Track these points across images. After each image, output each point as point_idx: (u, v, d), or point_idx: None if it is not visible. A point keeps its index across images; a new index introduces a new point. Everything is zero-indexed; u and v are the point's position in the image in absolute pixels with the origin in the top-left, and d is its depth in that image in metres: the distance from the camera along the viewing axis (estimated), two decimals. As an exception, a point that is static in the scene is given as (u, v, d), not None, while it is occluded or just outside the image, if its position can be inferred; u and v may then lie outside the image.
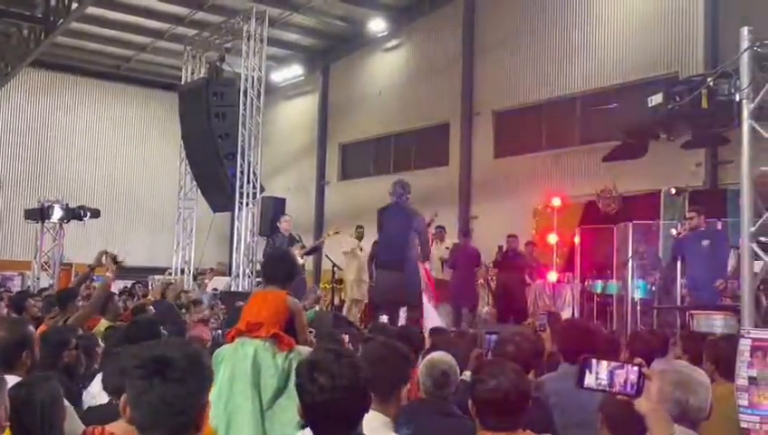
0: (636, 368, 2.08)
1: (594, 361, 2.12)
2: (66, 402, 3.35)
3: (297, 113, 24.41)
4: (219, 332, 7.15)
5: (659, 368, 2.19)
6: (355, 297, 12.03)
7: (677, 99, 5.46)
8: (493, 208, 16.92)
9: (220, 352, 4.51)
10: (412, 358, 2.91)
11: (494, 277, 13.00)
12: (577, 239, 12.65)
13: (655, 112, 5.74)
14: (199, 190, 16.57)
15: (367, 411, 2.30)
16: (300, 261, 11.84)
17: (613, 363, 2.11)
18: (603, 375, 2.09)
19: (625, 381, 2.07)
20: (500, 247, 12.59)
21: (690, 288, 9.09)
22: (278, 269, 4.76)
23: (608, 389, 2.09)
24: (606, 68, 15.65)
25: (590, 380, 2.10)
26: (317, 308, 8.95)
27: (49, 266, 16.67)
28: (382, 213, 8.84)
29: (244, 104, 15.21)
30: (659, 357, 4.74)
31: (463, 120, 18.70)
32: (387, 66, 21.34)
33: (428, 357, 3.73)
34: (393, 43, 21.01)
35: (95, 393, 4.03)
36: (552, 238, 13.25)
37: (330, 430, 2.21)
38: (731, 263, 8.15)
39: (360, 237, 12.50)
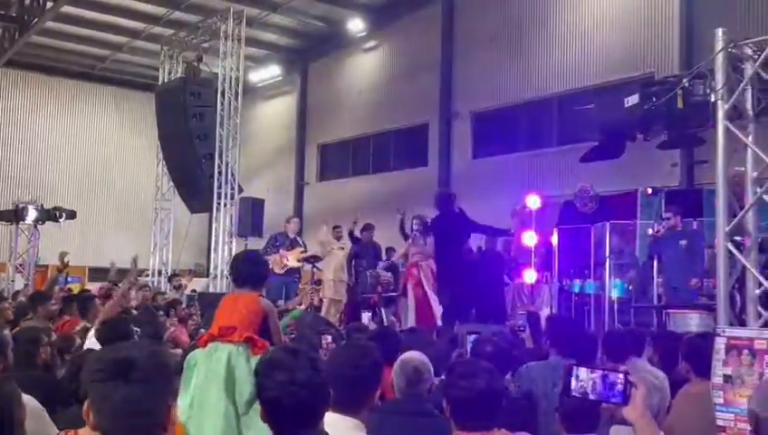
0: (621, 375, 2.07)
1: (579, 368, 2.11)
2: (36, 404, 3.28)
3: (275, 114, 24.32)
4: (202, 330, 7.10)
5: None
6: (333, 297, 12.00)
7: (654, 99, 5.49)
8: (472, 209, 16.92)
9: (193, 356, 4.45)
10: (381, 360, 2.86)
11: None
12: (555, 239, 12.69)
13: (631, 113, 5.76)
14: (176, 191, 16.44)
15: (327, 409, 2.30)
16: (296, 264, 11.81)
17: (598, 371, 2.09)
18: (589, 383, 2.08)
19: (611, 389, 2.06)
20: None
21: (666, 287, 9.15)
22: (248, 271, 4.69)
23: (594, 397, 2.08)
24: (584, 69, 15.75)
25: (575, 387, 2.09)
26: (302, 308, 8.94)
27: (24, 269, 16.47)
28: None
29: (222, 105, 15.12)
30: (634, 356, 4.76)
31: (442, 120, 18.73)
32: (366, 66, 21.32)
33: (400, 357, 3.71)
34: (372, 43, 21.00)
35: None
36: (531, 238, 13.27)
37: (290, 427, 2.20)
38: (706, 261, 8.22)
39: (337, 238, 12.47)
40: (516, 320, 6.70)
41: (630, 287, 11.04)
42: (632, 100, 5.67)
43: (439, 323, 9.45)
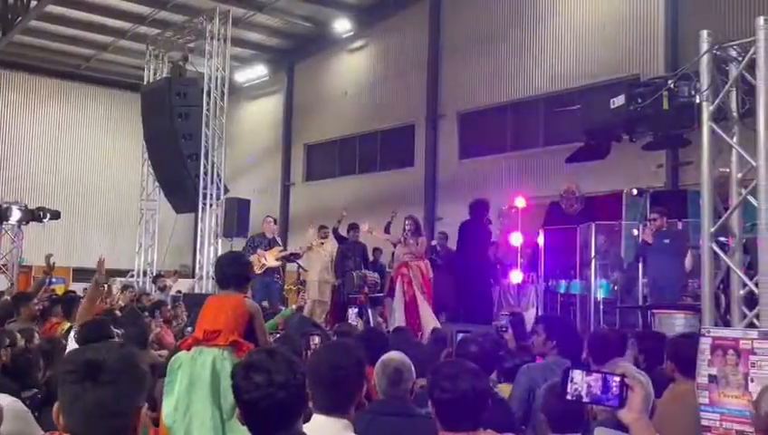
0: (617, 378, 2.06)
1: (574, 371, 2.10)
2: (19, 406, 3.24)
3: (261, 114, 24.26)
4: (189, 329, 7.06)
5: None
6: (318, 298, 11.97)
7: (639, 100, 5.51)
8: (458, 210, 16.94)
9: (177, 358, 4.41)
10: (366, 360, 2.84)
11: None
12: (541, 240, 12.73)
13: (617, 114, 5.78)
14: (162, 191, 16.36)
15: (305, 408, 2.29)
16: (275, 263, 11.76)
17: (594, 374, 2.08)
18: (583, 386, 2.07)
19: (606, 392, 2.05)
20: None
21: (652, 288, 9.20)
22: (232, 272, 4.65)
23: (588, 400, 2.07)
24: (570, 70, 15.80)
25: (572, 391, 2.08)
26: (294, 307, 8.95)
27: (7, 269, 16.33)
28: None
29: (208, 104, 15.06)
30: (617, 356, 4.77)
31: (428, 121, 18.75)
32: (352, 67, 21.30)
33: (382, 358, 3.69)
34: (358, 43, 20.99)
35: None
36: (517, 239, 13.31)
37: (268, 428, 2.19)
38: (688, 262, 8.26)
39: (324, 238, 12.46)
40: (499, 320, 6.70)
41: (616, 288, 11.10)
42: (618, 101, 5.69)
43: (430, 324, 9.45)
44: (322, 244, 12.10)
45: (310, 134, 22.53)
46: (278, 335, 6.42)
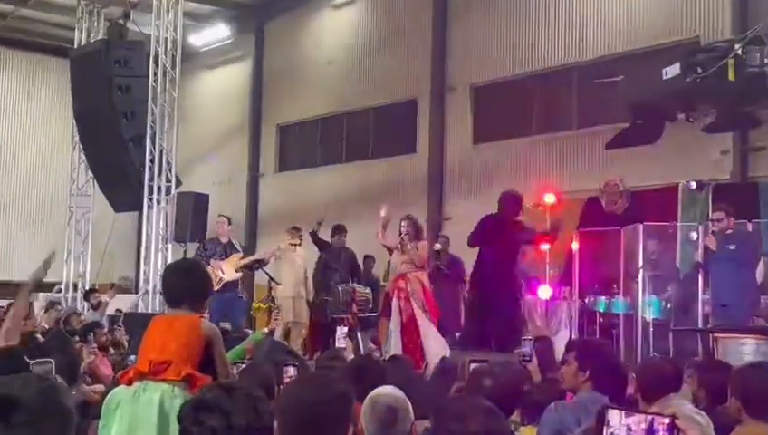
0: (666, 420, 2.05)
1: (612, 411, 2.09)
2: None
3: (223, 86, 24.23)
4: (132, 358, 7.05)
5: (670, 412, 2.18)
6: (293, 319, 11.97)
7: (699, 70, 5.54)
8: (470, 208, 16.94)
9: (115, 395, 4.39)
10: (354, 395, 2.82)
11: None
12: (575, 245, 12.72)
13: (671, 87, 5.80)
14: (97, 184, 16.32)
15: None
16: (235, 275, 11.75)
17: (637, 415, 2.08)
18: (624, 431, 2.06)
19: None
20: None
21: (715, 306, 9.21)
22: (185, 286, 4.61)
23: None
24: (610, 32, 15.81)
25: None
26: (265, 330, 8.94)
27: None
28: None
29: (155, 74, 15.04)
30: (672, 392, 4.79)
31: (433, 96, 18.74)
32: (338, 28, 21.29)
33: (370, 394, 3.68)
34: (346, -2, 21.04)
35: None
36: (545, 244, 13.31)
37: None
38: (760, 273, 8.29)
39: (295, 242, 12.49)
40: (522, 347, 6.70)
41: (669, 306, 11.11)
42: (672, 71, 5.71)
43: (435, 351, 9.46)
44: (295, 249, 12.07)
45: (284, 112, 22.50)
46: (243, 366, 6.42)
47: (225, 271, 11.64)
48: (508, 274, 10.34)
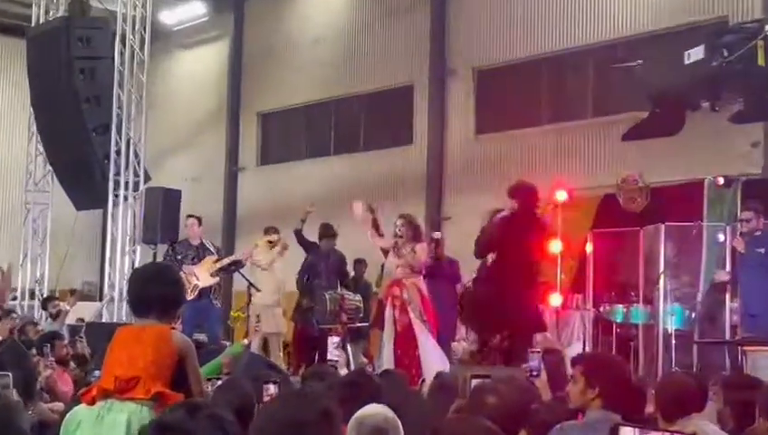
0: None
1: (625, 430, 2.11)
2: None
3: (198, 69, 24.20)
4: (97, 372, 7.04)
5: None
6: (271, 330, 11.99)
7: (725, 53, 5.55)
8: (473, 206, 16.97)
9: (75, 415, 4.38)
10: (339, 414, 2.83)
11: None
12: (589, 248, 12.75)
13: (694, 72, 5.81)
14: (56, 178, 16.28)
15: None
16: (210, 281, 11.74)
17: (652, 433, 2.09)
18: None
19: None
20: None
21: (744, 315, 9.24)
22: (154, 294, 4.60)
23: None
24: (629, 11, 15.84)
25: None
26: (245, 342, 8.96)
27: None
28: None
29: (122, 55, 15.00)
30: (695, 411, 4.81)
31: (432, 81, 18.76)
32: (326, 4, 21.29)
33: (356, 414, 3.69)
34: (335, -29, 21.03)
35: None
36: (556, 246, 13.33)
37: None
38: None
39: (272, 243, 12.49)
40: (529, 360, 6.70)
41: (694, 315, 11.14)
42: (695, 54, 5.72)
43: (434, 365, 9.48)
44: (272, 250, 12.05)
45: (266, 99, 22.48)
46: (219, 382, 6.43)
47: (200, 276, 11.62)
48: (530, 281, 10.30)
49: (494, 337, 10.08)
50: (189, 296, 11.36)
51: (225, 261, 11.92)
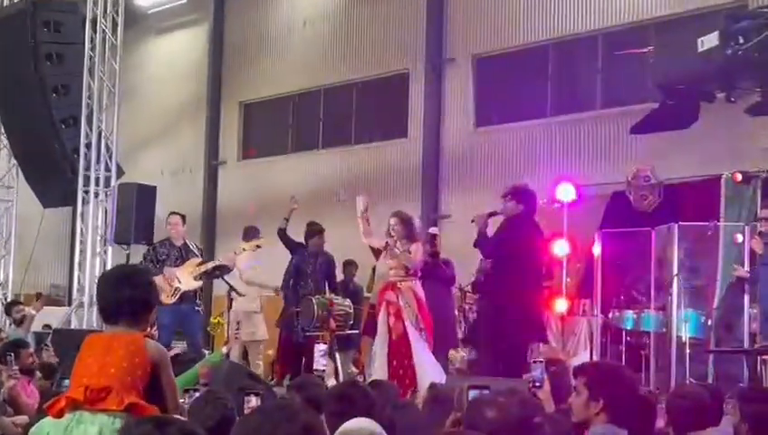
0: None
1: None
2: None
3: (176, 55, 24.17)
4: (67, 382, 7.05)
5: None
6: (249, 338, 12.00)
7: (740, 40, 5.56)
8: (472, 202, 17.00)
9: (40, 429, 4.39)
10: (322, 428, 2.84)
11: (473, 306, 13.07)
12: (597, 249, 12.78)
13: (708, 60, 5.82)
14: (22, 174, 16.27)
15: None
16: (193, 284, 11.74)
17: None
18: None
19: None
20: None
21: (763, 322, 9.27)
22: (125, 298, 4.59)
23: None
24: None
25: None
26: (224, 350, 8.98)
27: None
28: None
29: (93, 41, 14.99)
30: (711, 426, 4.82)
31: (428, 69, 18.75)
32: (314, -15, 21.30)
33: (341, 428, 3.70)
34: (324, -51, 21.03)
35: None
36: (561, 248, 13.36)
37: None
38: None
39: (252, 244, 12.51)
40: (532, 371, 6.68)
41: (710, 322, 11.16)
42: (709, 41, 5.73)
43: (430, 376, 9.51)
44: (244, 250, 12.05)
45: (249, 88, 22.47)
46: (197, 393, 6.44)
47: (182, 279, 11.62)
48: (536, 288, 10.36)
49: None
50: (170, 300, 11.39)
51: (210, 265, 11.91)
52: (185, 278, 11.65)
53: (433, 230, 12.82)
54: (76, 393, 4.40)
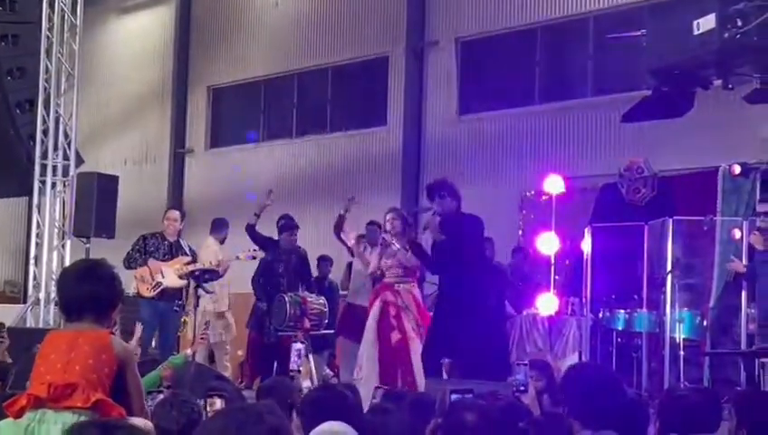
0: None
1: None
2: None
3: (140, 37, 24.08)
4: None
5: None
6: (216, 339, 12.01)
7: (738, 23, 5.57)
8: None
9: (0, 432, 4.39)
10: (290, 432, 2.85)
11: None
12: (587, 245, 12.83)
13: (704, 44, 5.84)
14: (-26, 162, 16.20)
15: None
16: (177, 283, 11.75)
17: None
18: None
19: None
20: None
21: (762, 322, 9.32)
22: (88, 294, 4.62)
23: None
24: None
25: None
26: (188, 352, 8.97)
27: None
28: None
29: (51, 20, 14.92)
30: (706, 433, 4.84)
31: (410, 52, 18.76)
32: (287, -38, 21.27)
33: (313, 431, 3.71)
34: None
35: None
36: (549, 243, 13.40)
37: None
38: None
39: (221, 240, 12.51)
40: (516, 373, 6.71)
41: (705, 322, 11.21)
42: (706, 23, 5.74)
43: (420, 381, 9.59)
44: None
45: (217, 71, 22.43)
46: (160, 396, 6.44)
47: (166, 275, 11.65)
48: (494, 281, 10.43)
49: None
50: (149, 293, 11.46)
51: (199, 266, 11.93)
52: (169, 274, 11.69)
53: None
54: (39, 390, 4.42)
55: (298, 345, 10.28)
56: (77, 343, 4.51)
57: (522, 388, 6.57)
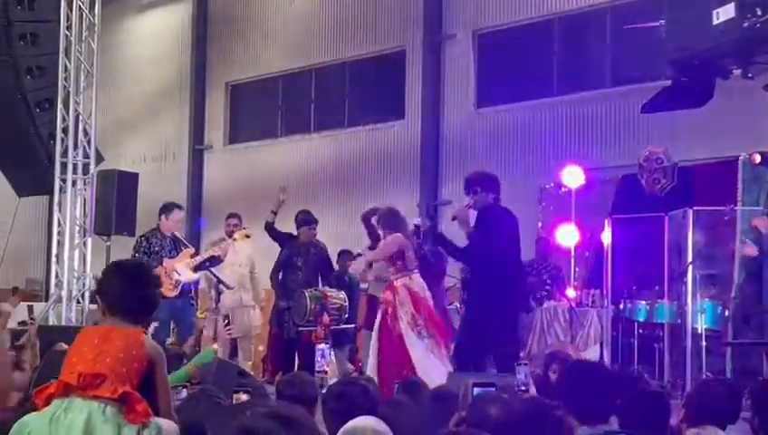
0: None
1: None
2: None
3: (158, 35, 24.14)
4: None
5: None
6: (240, 333, 12.02)
7: (758, 12, 5.54)
8: (475, 188, 17.04)
9: (23, 427, 4.38)
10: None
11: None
12: (607, 236, 12.80)
13: (724, 34, 5.81)
14: (-5, 161, 16.26)
15: None
16: (193, 276, 11.76)
17: None
18: None
19: None
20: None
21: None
22: (139, 295, 4.69)
23: None
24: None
25: None
26: (215, 348, 8.98)
27: None
28: None
29: (69, 19, 14.94)
30: (728, 421, 4.83)
31: (427, 46, 18.75)
32: (305, -43, 21.28)
33: (344, 427, 3.71)
34: None
35: None
36: (568, 235, 13.38)
37: None
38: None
39: (230, 234, 12.50)
40: (516, 374, 6.69)
41: (727, 312, 11.17)
42: (725, 12, 5.71)
43: (434, 375, 9.56)
44: (235, 240, 12.07)
45: (235, 68, 22.46)
46: (186, 391, 6.47)
47: (181, 271, 11.65)
48: (518, 275, 10.40)
49: None
50: (172, 294, 11.42)
51: (205, 255, 11.94)
52: (184, 271, 11.69)
53: (416, 222, 12.82)
54: (69, 378, 4.44)
55: (321, 346, 10.26)
56: (110, 337, 4.56)
57: (523, 388, 6.53)
